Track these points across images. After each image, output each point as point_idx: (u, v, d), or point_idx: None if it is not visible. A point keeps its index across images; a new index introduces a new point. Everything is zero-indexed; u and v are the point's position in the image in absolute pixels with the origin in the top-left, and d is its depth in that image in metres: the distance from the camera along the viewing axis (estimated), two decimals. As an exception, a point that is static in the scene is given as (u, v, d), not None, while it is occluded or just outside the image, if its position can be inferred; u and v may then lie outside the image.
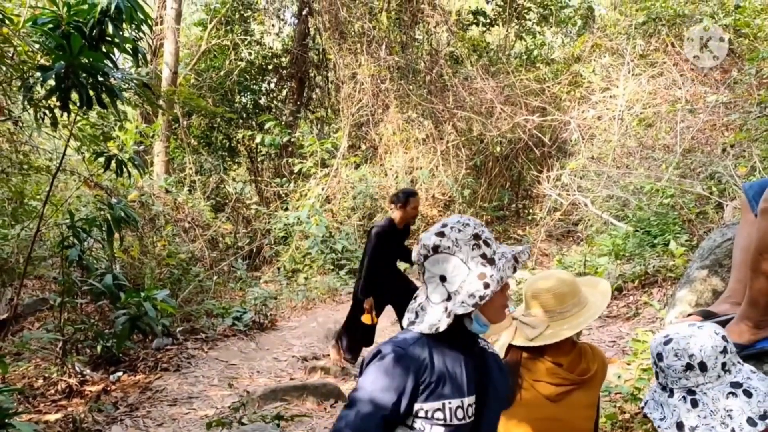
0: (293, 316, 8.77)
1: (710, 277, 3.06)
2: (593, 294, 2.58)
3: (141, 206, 8.54)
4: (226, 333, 7.66)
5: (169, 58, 11.55)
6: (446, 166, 12.55)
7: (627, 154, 10.66)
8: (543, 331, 2.43)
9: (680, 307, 3.06)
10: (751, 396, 1.70)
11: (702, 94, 10.31)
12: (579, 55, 12.95)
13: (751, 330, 2.59)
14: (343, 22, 11.86)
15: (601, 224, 9.73)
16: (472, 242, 1.83)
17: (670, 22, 11.06)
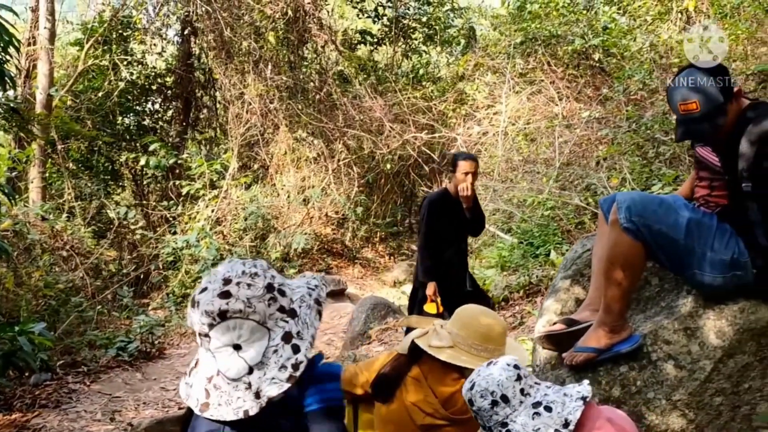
0: (182, 343, 8.53)
1: (573, 287, 3.20)
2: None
3: (15, 235, 8.10)
4: (110, 364, 7.35)
5: (42, 80, 11.04)
6: (338, 184, 12.60)
7: (511, 168, 11.02)
8: (445, 347, 2.46)
9: (547, 316, 3.18)
10: (551, 410, 1.83)
11: (577, 110, 10.82)
12: (463, 74, 13.33)
13: (608, 335, 2.73)
14: (228, 41, 11.72)
15: (488, 237, 9.99)
16: (268, 296, 1.48)
17: (546, 42, 11.56)
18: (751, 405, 2.67)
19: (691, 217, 2.66)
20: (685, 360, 2.68)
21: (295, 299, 1.54)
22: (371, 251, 13.21)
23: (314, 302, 1.55)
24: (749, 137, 2.51)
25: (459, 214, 5.11)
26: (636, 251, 2.65)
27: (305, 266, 11.54)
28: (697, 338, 2.69)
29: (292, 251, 11.30)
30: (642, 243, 2.64)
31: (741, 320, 2.67)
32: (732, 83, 2.59)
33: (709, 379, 2.65)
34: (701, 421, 2.65)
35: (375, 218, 13.24)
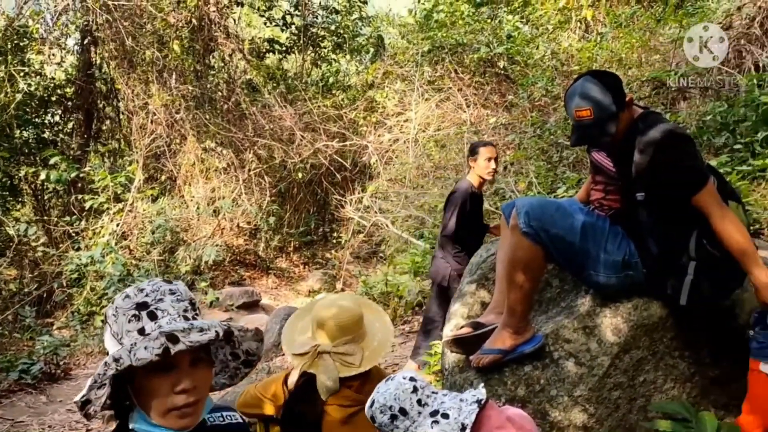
0: (89, 363, 8.20)
1: (479, 291, 3.27)
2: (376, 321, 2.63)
3: None
4: (11, 388, 6.99)
5: (-70, 93, 10.46)
6: (249, 194, 12.43)
7: (422, 174, 11.15)
8: (364, 354, 2.45)
9: (455, 320, 3.24)
10: (448, 417, 1.89)
11: (484, 116, 11.08)
12: (373, 82, 13.43)
13: (512, 336, 2.80)
14: (130, 50, 11.39)
15: (401, 243, 10.08)
16: (132, 312, 1.42)
17: (453, 51, 11.79)
18: (645, 397, 2.80)
19: (586, 220, 2.77)
20: (585, 357, 2.79)
21: (165, 326, 1.41)
22: (285, 261, 13.09)
23: (163, 335, 1.36)
24: (640, 147, 2.63)
25: (480, 205, 5.21)
26: (536, 255, 2.74)
27: (217, 279, 11.33)
28: (595, 336, 2.80)
29: (202, 264, 11.06)
30: (541, 247, 2.73)
31: (635, 317, 2.80)
32: (624, 92, 2.71)
33: (607, 375, 2.76)
34: (601, 414, 2.75)
35: (288, 228, 13.14)
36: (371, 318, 2.55)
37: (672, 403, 2.71)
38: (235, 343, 1.58)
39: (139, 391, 1.41)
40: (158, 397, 1.40)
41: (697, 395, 2.88)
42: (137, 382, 1.40)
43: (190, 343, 1.35)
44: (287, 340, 2.59)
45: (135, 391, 1.42)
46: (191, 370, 1.41)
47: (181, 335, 1.35)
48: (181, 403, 1.40)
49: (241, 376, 1.65)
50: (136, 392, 1.42)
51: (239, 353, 1.61)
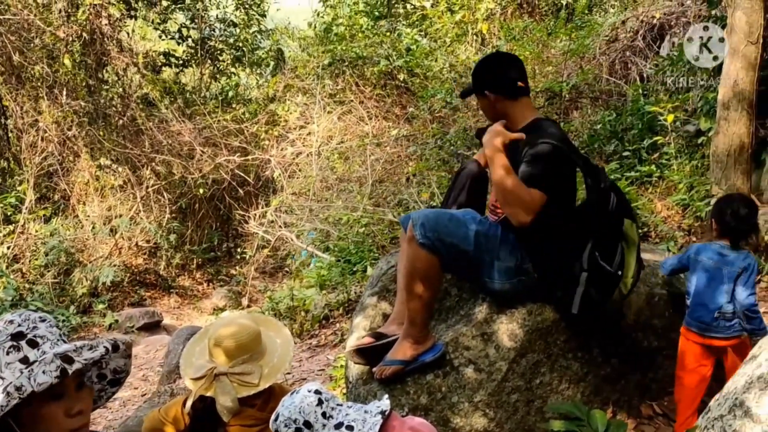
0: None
1: (380, 303, 3.30)
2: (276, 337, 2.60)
3: None
4: None
5: None
6: (148, 211, 12.08)
7: (326, 187, 11.16)
8: (263, 372, 2.41)
9: (357, 333, 3.26)
10: (353, 429, 1.91)
11: (386, 128, 11.22)
12: (274, 95, 13.36)
13: (413, 346, 2.84)
14: (18, 66, 10.88)
15: (306, 257, 10.04)
16: (9, 344, 1.39)
17: (353, 64, 11.88)
18: (542, 398, 2.90)
19: (479, 229, 2.86)
20: (484, 363, 2.86)
21: (48, 352, 1.41)
22: (188, 279, 12.77)
23: (58, 357, 1.36)
24: (526, 158, 2.74)
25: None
26: (433, 265, 2.80)
27: (116, 300, 10.92)
28: (493, 342, 2.88)
29: (100, 285, 10.65)
30: (438, 257, 2.79)
31: (530, 322, 2.90)
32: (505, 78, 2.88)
33: (506, 379, 2.85)
34: (501, 418, 2.83)
35: (190, 245, 12.83)
36: (271, 334, 2.53)
37: (566, 403, 2.82)
38: (103, 364, 1.57)
39: (28, 422, 1.38)
40: (53, 424, 1.39)
41: (590, 394, 3.01)
42: (26, 413, 1.37)
43: (85, 360, 1.36)
44: (185, 366, 2.53)
45: (21, 424, 1.38)
46: (78, 394, 1.42)
47: (74, 355, 1.36)
48: (77, 425, 1.41)
49: (107, 398, 1.64)
50: (23, 425, 1.38)
51: (106, 373, 1.60)
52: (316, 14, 14.32)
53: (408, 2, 14.29)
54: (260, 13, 15.24)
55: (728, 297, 2.89)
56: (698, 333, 2.97)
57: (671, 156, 7.47)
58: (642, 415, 3.11)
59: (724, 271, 2.92)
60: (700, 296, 2.97)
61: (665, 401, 3.18)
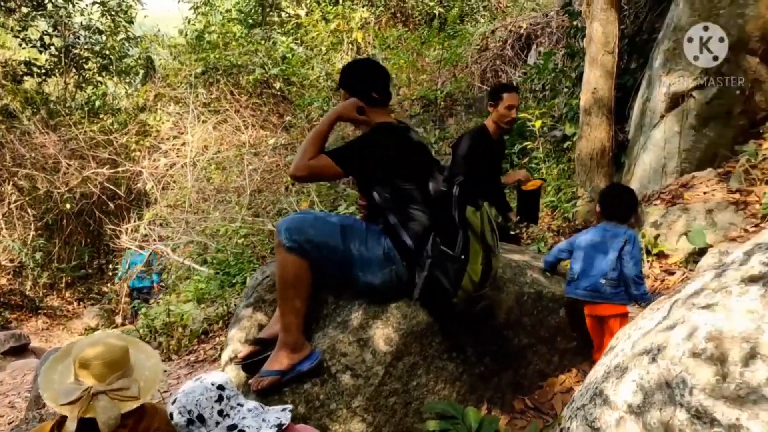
0: None
1: (255, 314, 3.25)
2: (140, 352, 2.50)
3: None
4: None
5: None
6: (11, 229, 11.38)
7: (203, 199, 10.90)
8: (140, 385, 2.30)
9: (232, 345, 3.19)
10: None
11: (263, 137, 11.10)
12: (144, 105, 12.91)
13: (289, 356, 2.81)
14: None
15: (184, 271, 9.75)
16: None
17: (227, 72, 11.70)
18: (419, 400, 2.94)
19: (343, 222, 2.92)
20: (361, 368, 2.87)
21: None
22: (57, 299, 12.10)
23: None
24: None
25: (497, 155, 4.76)
26: (302, 268, 2.81)
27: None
28: (369, 347, 2.90)
29: (-41, 309, 9.92)
30: (307, 260, 2.81)
31: (405, 326, 2.93)
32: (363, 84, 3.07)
33: (383, 383, 2.87)
34: (379, 422, 2.85)
35: (58, 262, 12.17)
36: (133, 350, 2.44)
37: (441, 402, 2.87)
38: None
39: None
40: None
41: (466, 392, 3.08)
42: None
43: None
44: (46, 390, 2.38)
45: None
46: None
47: None
48: None
49: None
50: None
51: None
52: (187, 21, 13.98)
53: (282, 10, 14.21)
54: (127, 20, 14.69)
55: (613, 265, 3.22)
56: (584, 300, 3.32)
57: (540, 160, 7.80)
58: (515, 409, 3.21)
59: (608, 244, 3.29)
60: (586, 268, 3.32)
61: (536, 395, 3.30)
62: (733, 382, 1.91)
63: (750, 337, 1.93)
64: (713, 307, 2.06)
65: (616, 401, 2.16)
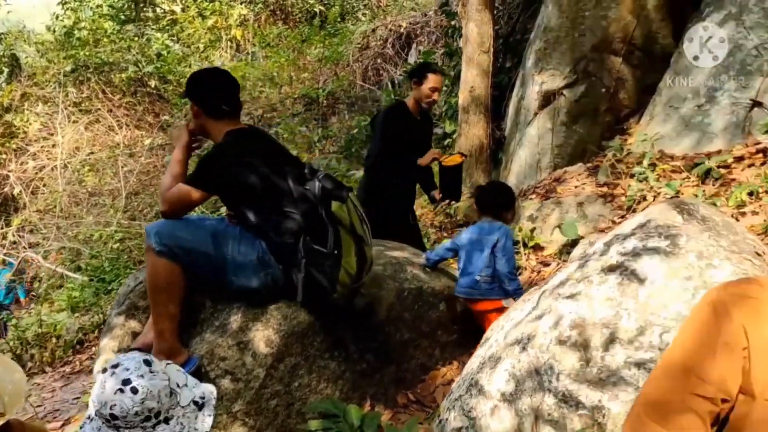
0: None
1: (128, 321, 3.12)
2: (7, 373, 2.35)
3: None
4: None
5: None
6: None
7: (75, 203, 10.41)
8: (4, 401, 2.14)
9: (105, 355, 3.05)
10: None
11: (139, 137, 10.71)
12: (9, 105, 12.15)
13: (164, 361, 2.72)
14: None
15: (57, 278, 9.27)
16: None
17: (99, 70, 11.20)
18: (302, 400, 2.92)
19: (215, 229, 2.86)
20: (241, 372, 2.81)
21: None
22: None
23: None
24: None
25: (417, 133, 4.61)
26: (174, 272, 2.74)
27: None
28: (249, 350, 2.84)
29: None
30: (179, 264, 2.73)
31: (285, 326, 2.90)
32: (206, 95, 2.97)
33: (264, 386, 2.82)
34: (261, 425, 2.80)
35: None
36: None
37: (323, 401, 2.86)
38: None
39: None
40: None
41: (349, 390, 3.08)
42: None
43: None
44: None
45: None
46: None
47: None
48: None
49: None
50: None
51: None
52: (55, 17, 13.27)
53: (157, 6, 13.77)
54: (-12, 15, 13.78)
55: (487, 262, 3.34)
56: (465, 298, 3.46)
57: (420, 157, 7.91)
58: (398, 404, 3.25)
59: (483, 242, 3.39)
60: (466, 265, 3.44)
61: (418, 389, 3.35)
62: (595, 366, 2.01)
63: (609, 323, 2.03)
64: (577, 296, 2.16)
65: (491, 390, 2.23)
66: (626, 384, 1.95)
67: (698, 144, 5.64)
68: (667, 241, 2.13)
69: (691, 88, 5.78)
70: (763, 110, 5.32)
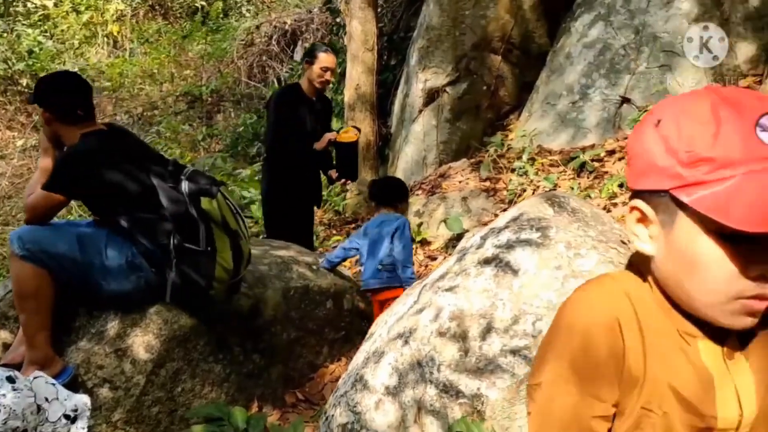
0: None
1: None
2: None
3: None
4: None
5: None
6: None
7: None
8: None
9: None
10: None
11: (11, 138, 10.12)
12: None
13: (38, 373, 2.59)
14: None
15: None
16: None
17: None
18: (185, 406, 2.85)
19: (80, 233, 2.76)
20: (120, 380, 2.71)
21: None
22: None
23: None
24: None
25: (312, 115, 4.55)
26: (41, 278, 2.64)
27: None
28: (128, 357, 2.75)
29: None
30: (46, 269, 2.62)
31: (166, 331, 2.82)
32: None
33: (145, 393, 2.73)
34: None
35: None
36: None
37: (207, 406, 2.80)
38: None
39: None
40: None
41: (235, 392, 3.04)
42: None
43: None
44: None
45: None
46: None
47: None
48: None
49: None
50: None
51: None
52: None
53: (28, 0, 13.04)
54: None
55: (388, 251, 3.48)
56: (369, 289, 3.57)
57: (308, 155, 7.89)
58: (287, 403, 3.23)
59: (383, 232, 3.54)
60: (369, 257, 3.55)
61: (307, 387, 3.34)
62: (474, 356, 2.06)
63: (486, 314, 2.10)
64: (455, 288, 2.22)
65: (375, 385, 2.25)
66: (503, 371, 2.02)
67: (573, 139, 5.91)
68: (539, 233, 2.22)
69: (566, 85, 6.05)
70: (631, 106, 5.63)
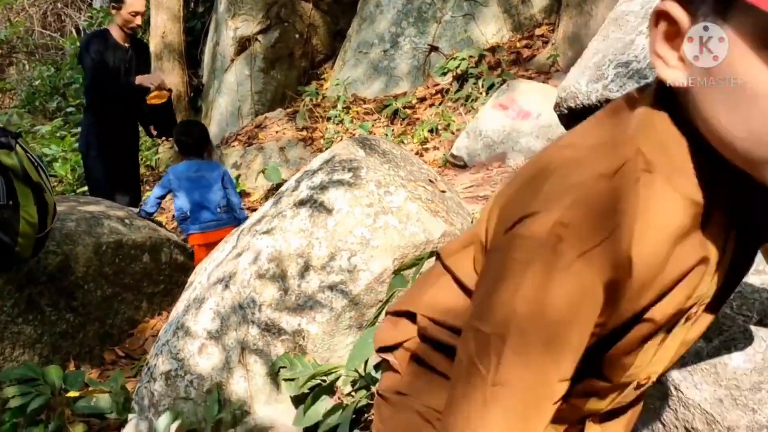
0: None
1: None
2: None
3: None
4: None
5: None
6: None
7: None
8: None
9: None
10: None
11: None
12: None
13: None
14: None
15: None
16: None
17: None
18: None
19: None
20: None
21: None
22: None
23: None
24: None
25: (125, 60, 4.33)
26: None
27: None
28: None
29: None
30: None
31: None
32: None
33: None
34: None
35: None
36: None
37: (18, 367, 2.68)
38: None
39: None
40: None
41: (49, 353, 2.92)
42: None
43: None
44: None
45: None
46: None
47: None
48: None
49: None
50: None
51: None
52: None
53: None
54: None
55: (222, 194, 3.59)
56: (202, 232, 3.60)
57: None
58: (106, 361, 3.15)
59: (208, 178, 3.59)
60: (199, 200, 3.57)
61: (126, 344, 3.28)
62: (293, 294, 2.15)
63: (303, 253, 2.19)
64: (272, 231, 2.28)
65: (197, 330, 2.27)
66: (322, 306, 2.12)
67: (386, 87, 6.10)
68: (350, 174, 2.32)
69: (377, 33, 6.20)
70: (439, 54, 5.90)
